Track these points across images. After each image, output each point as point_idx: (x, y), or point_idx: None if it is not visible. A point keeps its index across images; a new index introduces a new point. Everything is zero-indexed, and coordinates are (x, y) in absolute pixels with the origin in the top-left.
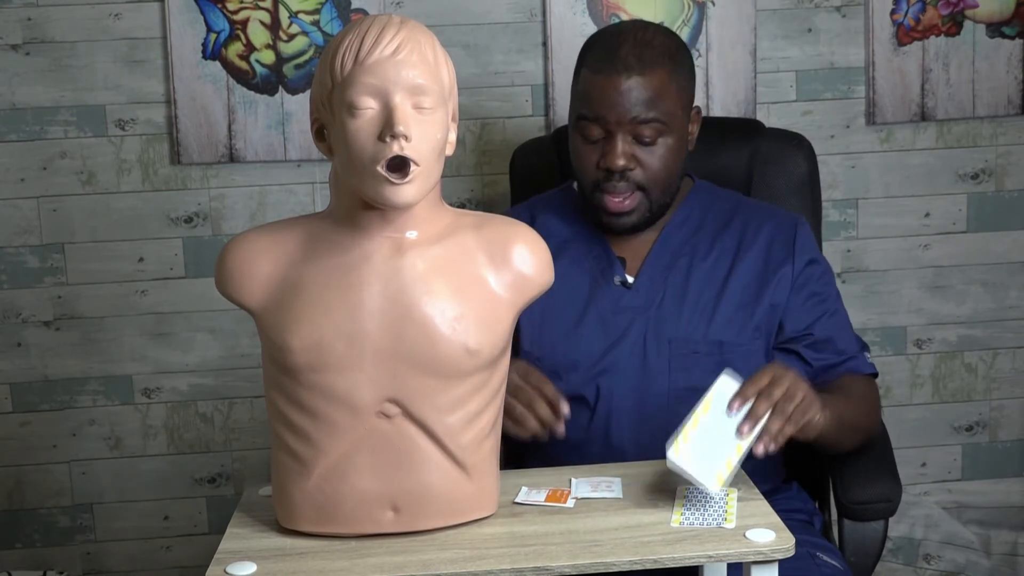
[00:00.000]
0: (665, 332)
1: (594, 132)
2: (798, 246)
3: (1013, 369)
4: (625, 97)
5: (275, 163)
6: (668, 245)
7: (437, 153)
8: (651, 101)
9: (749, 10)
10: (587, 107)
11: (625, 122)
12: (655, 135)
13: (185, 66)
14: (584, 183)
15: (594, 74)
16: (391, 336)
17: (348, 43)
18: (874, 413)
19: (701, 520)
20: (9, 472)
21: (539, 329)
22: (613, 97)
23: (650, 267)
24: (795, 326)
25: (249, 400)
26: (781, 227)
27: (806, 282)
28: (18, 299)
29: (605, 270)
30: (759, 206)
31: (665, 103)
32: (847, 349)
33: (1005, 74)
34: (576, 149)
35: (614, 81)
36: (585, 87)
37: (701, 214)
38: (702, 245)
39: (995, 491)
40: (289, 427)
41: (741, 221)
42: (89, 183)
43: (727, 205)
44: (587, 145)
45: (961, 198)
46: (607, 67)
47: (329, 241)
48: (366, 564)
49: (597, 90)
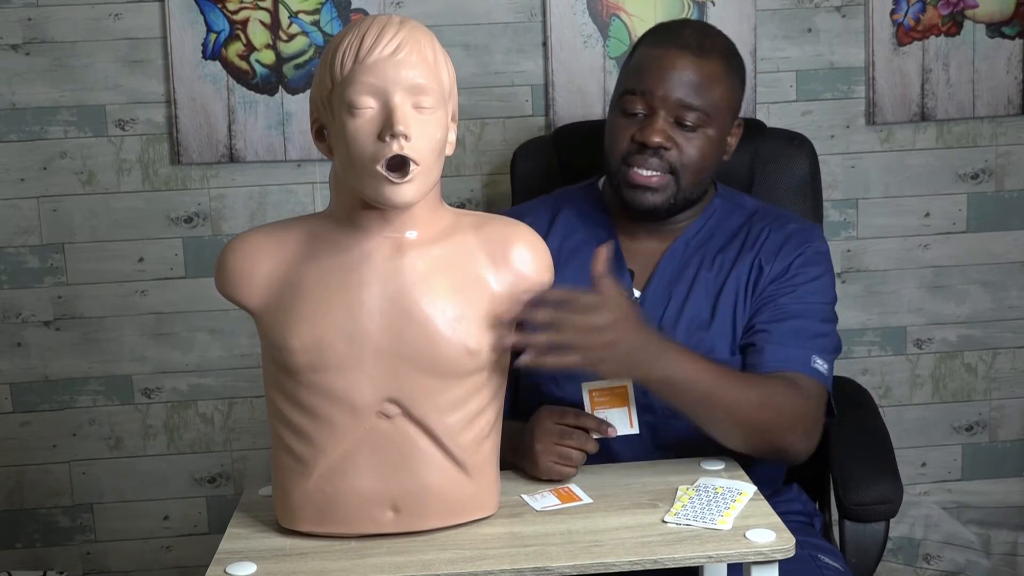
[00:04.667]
0: None
1: (637, 106)
2: (784, 251)
3: (1013, 369)
4: (678, 74)
5: (275, 163)
6: (676, 257)
7: (437, 153)
8: (701, 87)
9: (749, 10)
10: (636, 80)
11: (671, 99)
12: (697, 123)
13: (185, 66)
14: (614, 157)
15: (651, 48)
16: (391, 336)
17: (348, 43)
18: (775, 415)
19: (695, 518)
20: (9, 472)
21: None
22: (666, 71)
23: (656, 281)
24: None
25: (249, 400)
26: (789, 238)
27: (774, 287)
28: (18, 299)
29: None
30: (776, 214)
31: (714, 94)
32: (781, 359)
33: (1005, 74)
34: (613, 124)
35: (670, 56)
36: (639, 61)
37: (715, 225)
38: (708, 257)
39: (995, 491)
40: (289, 427)
41: (746, 231)
42: (89, 183)
43: (743, 214)
44: (625, 119)
45: (961, 198)
46: (666, 42)
47: (329, 241)
48: (366, 564)
49: (651, 62)
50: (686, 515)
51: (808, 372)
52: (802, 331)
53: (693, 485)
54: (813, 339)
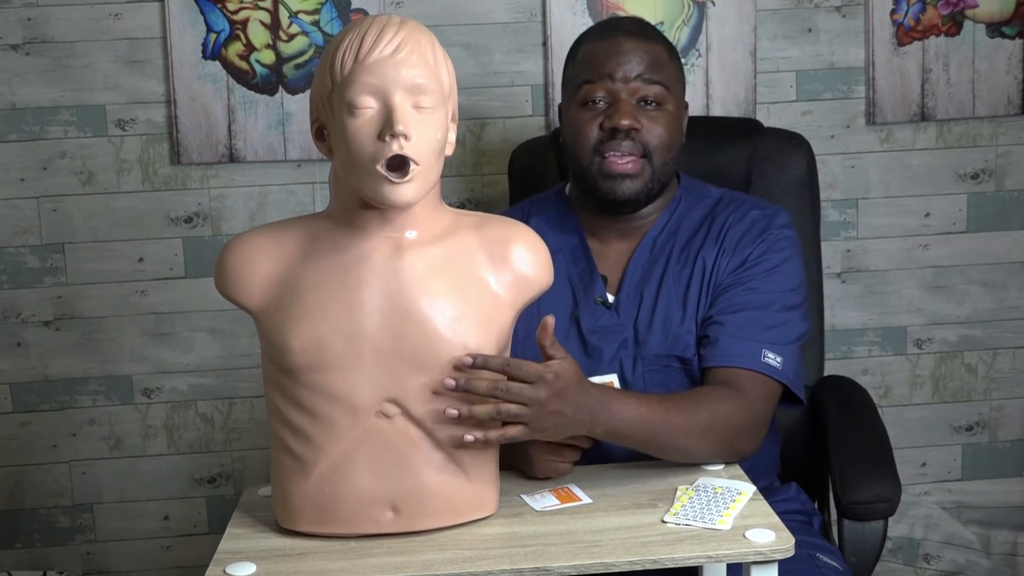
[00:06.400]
0: (639, 349)
1: (598, 94)
2: (745, 239)
3: (1013, 369)
4: (631, 56)
5: (275, 163)
6: (644, 256)
7: (436, 153)
8: (656, 64)
9: (749, 10)
10: (591, 70)
11: (631, 79)
12: (658, 99)
13: (185, 66)
14: (583, 150)
15: (597, 41)
16: (391, 336)
17: (348, 43)
18: (721, 431)
19: (695, 518)
20: (9, 472)
21: (523, 343)
22: (622, 55)
23: (627, 283)
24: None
25: (249, 400)
26: (751, 226)
27: (732, 277)
28: (18, 299)
29: (588, 287)
30: (739, 201)
31: (666, 72)
32: (731, 354)
33: (1005, 74)
34: (575, 119)
35: (619, 42)
36: (587, 55)
37: (680, 217)
38: (676, 251)
39: (995, 491)
40: (289, 427)
41: (710, 221)
42: (89, 183)
43: (708, 204)
44: (588, 112)
45: (961, 198)
46: (611, 33)
47: (329, 241)
48: (366, 564)
49: (604, 51)
50: (686, 515)
51: (756, 368)
52: (755, 323)
53: (692, 485)
54: (766, 331)
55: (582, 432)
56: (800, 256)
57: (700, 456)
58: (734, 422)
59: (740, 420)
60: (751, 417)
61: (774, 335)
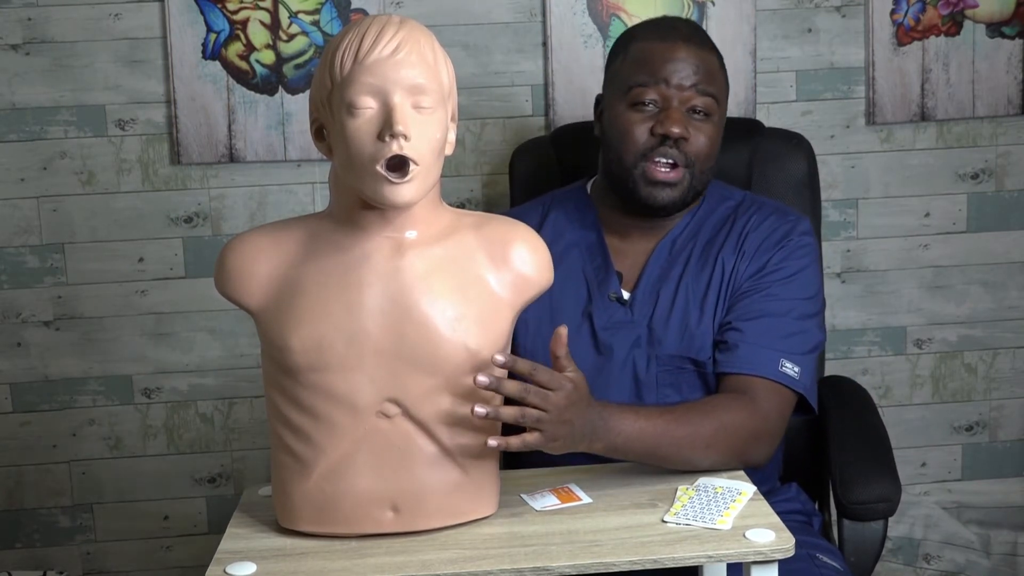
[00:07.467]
0: (653, 349)
1: (649, 98)
2: (765, 245)
3: (1013, 369)
4: (687, 63)
5: (275, 163)
6: (663, 255)
7: (436, 153)
8: (709, 75)
9: (749, 10)
10: (645, 73)
11: (685, 88)
12: (707, 110)
13: (185, 66)
14: (629, 152)
15: (651, 42)
16: (391, 336)
17: (348, 43)
18: (729, 440)
19: (695, 518)
20: (9, 472)
21: (533, 337)
22: (676, 62)
23: (644, 282)
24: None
25: (249, 400)
26: (772, 232)
27: (751, 283)
28: (18, 299)
29: (603, 283)
30: (760, 205)
31: (717, 84)
32: (750, 362)
33: (1005, 74)
34: (624, 118)
35: (676, 47)
36: (641, 55)
37: (703, 219)
38: (696, 253)
39: (995, 491)
40: (289, 427)
41: (731, 224)
42: (89, 183)
43: (730, 206)
44: (638, 113)
45: (961, 198)
46: (669, 35)
47: (329, 241)
48: (366, 564)
49: (659, 55)
50: (686, 515)
51: (774, 377)
52: (774, 330)
53: (693, 485)
54: (785, 339)
55: (581, 448)
56: (819, 265)
57: (708, 466)
58: (743, 431)
59: (750, 429)
60: (765, 426)
61: (792, 344)
